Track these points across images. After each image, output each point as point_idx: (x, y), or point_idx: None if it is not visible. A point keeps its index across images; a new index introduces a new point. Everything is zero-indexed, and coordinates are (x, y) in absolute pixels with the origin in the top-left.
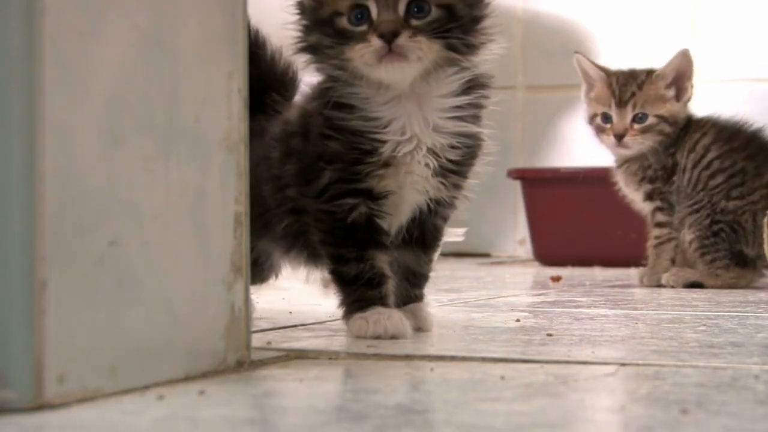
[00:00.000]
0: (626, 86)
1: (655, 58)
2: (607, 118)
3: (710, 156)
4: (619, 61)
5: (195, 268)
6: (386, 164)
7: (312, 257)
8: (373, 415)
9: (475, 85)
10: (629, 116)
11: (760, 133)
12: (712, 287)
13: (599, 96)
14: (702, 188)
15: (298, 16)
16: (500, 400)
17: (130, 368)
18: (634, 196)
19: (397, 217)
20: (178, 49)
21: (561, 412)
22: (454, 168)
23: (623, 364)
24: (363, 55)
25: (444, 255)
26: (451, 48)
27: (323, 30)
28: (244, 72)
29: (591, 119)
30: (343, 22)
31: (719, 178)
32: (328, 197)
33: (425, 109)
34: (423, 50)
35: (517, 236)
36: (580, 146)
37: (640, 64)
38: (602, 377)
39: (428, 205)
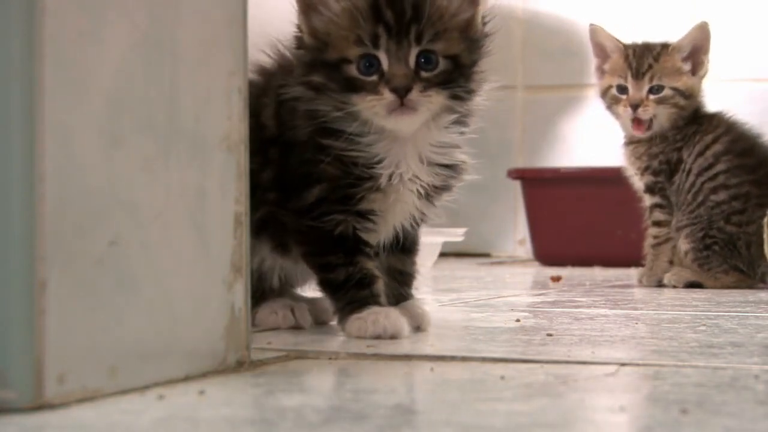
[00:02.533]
0: (643, 58)
1: None
2: (622, 89)
3: (718, 168)
4: None
5: (195, 268)
6: (378, 190)
7: (279, 247)
8: (373, 415)
9: (463, 117)
10: (646, 87)
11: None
12: (712, 287)
13: (614, 67)
14: (702, 201)
15: (298, 51)
16: (500, 400)
17: (130, 368)
18: (635, 179)
19: (380, 233)
20: (178, 49)
21: (561, 412)
22: (440, 192)
23: (623, 364)
24: (374, 106)
25: (444, 255)
26: (455, 97)
27: (328, 74)
28: (244, 72)
29: (604, 92)
30: (352, 70)
31: (722, 195)
32: (316, 214)
33: (419, 146)
34: (432, 103)
35: (517, 236)
36: (580, 146)
37: None
38: (602, 377)
39: (410, 223)
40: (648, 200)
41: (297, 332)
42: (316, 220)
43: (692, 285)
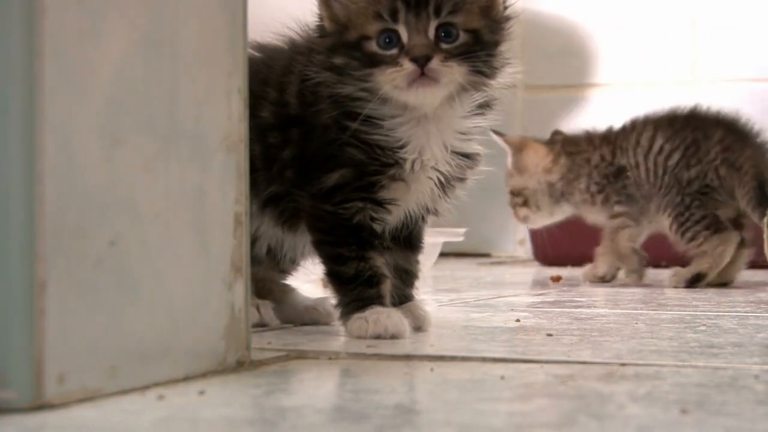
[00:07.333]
0: None
1: (656, 58)
2: None
3: (658, 143)
4: (619, 62)
5: (195, 268)
6: (400, 178)
7: (285, 223)
8: (373, 415)
9: (483, 107)
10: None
11: (695, 110)
12: (710, 270)
13: None
14: (663, 172)
15: (320, 39)
16: (500, 400)
17: (130, 368)
18: (596, 217)
19: (391, 222)
20: (178, 49)
21: (561, 412)
22: (455, 183)
23: (623, 364)
24: (394, 78)
25: (444, 255)
26: (476, 72)
27: (350, 53)
28: (244, 72)
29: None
30: (372, 46)
31: (675, 156)
32: (336, 200)
33: (443, 131)
34: (453, 74)
35: (517, 236)
36: None
37: (640, 64)
38: (602, 377)
39: (421, 214)
40: (608, 211)
41: (297, 332)
42: (336, 206)
43: (694, 280)
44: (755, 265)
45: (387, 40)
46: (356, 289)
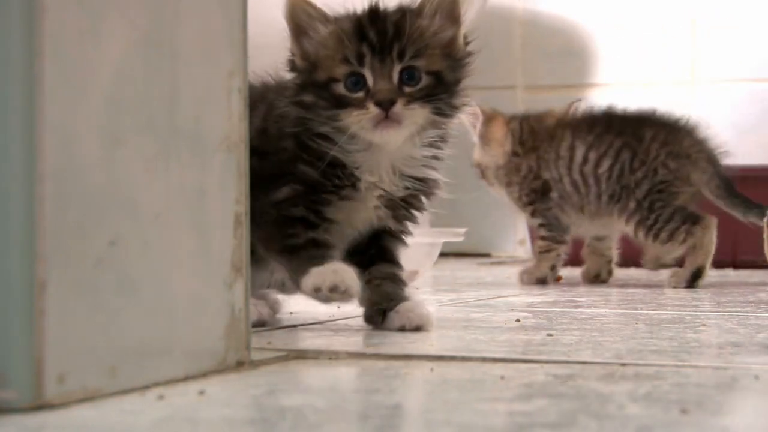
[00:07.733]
0: None
1: (655, 58)
2: None
3: (580, 152)
4: (619, 62)
5: (195, 268)
6: (348, 197)
7: None
8: (373, 415)
9: (439, 140)
10: None
11: (610, 111)
12: (705, 260)
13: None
14: (595, 181)
15: (289, 73)
16: (500, 400)
17: (130, 368)
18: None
19: (343, 237)
20: (178, 49)
21: (561, 412)
22: (406, 206)
23: (623, 364)
24: (360, 120)
25: (444, 255)
26: (438, 112)
27: (318, 93)
28: (244, 72)
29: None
30: (340, 88)
31: (605, 164)
32: (281, 209)
33: (394, 159)
34: (415, 117)
35: (517, 236)
36: None
37: (641, 65)
38: (602, 377)
39: (374, 231)
40: (534, 222)
41: (297, 332)
42: (280, 210)
43: (694, 278)
44: (755, 265)
45: (354, 82)
46: (309, 250)
